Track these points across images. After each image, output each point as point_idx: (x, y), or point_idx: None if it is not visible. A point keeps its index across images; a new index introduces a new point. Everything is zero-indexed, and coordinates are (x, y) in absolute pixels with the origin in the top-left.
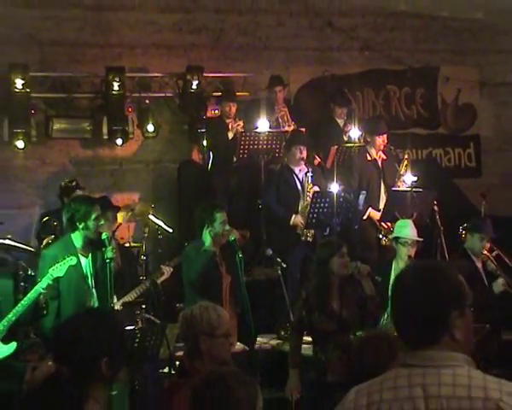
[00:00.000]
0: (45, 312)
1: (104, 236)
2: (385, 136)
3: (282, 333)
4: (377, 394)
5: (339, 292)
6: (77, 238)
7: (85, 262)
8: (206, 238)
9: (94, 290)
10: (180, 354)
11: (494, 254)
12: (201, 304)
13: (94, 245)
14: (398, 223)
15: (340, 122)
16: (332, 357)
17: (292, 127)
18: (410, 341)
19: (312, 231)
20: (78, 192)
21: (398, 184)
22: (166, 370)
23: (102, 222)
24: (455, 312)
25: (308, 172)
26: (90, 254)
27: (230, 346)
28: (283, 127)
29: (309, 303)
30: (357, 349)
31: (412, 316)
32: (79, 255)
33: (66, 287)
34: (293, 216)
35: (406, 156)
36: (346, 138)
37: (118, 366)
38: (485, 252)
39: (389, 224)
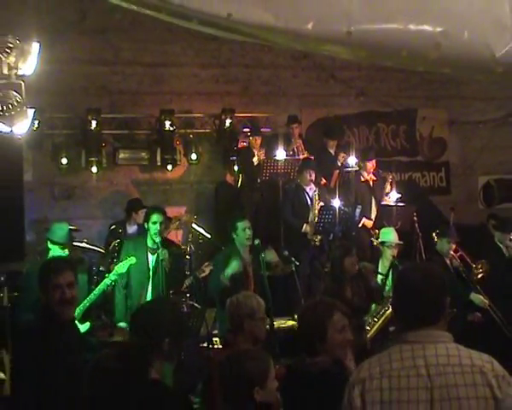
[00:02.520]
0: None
1: (157, 240)
2: (374, 162)
3: (295, 316)
4: (387, 364)
5: (350, 284)
6: (148, 239)
7: (152, 258)
8: (236, 243)
9: (150, 280)
10: (215, 332)
11: (458, 254)
12: (244, 293)
13: (157, 246)
14: (384, 230)
15: (332, 151)
16: None
17: (304, 155)
18: (411, 323)
19: (319, 237)
20: (138, 210)
21: (385, 199)
22: (205, 344)
23: (158, 226)
24: (447, 299)
25: (316, 190)
26: (156, 252)
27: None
28: (298, 156)
29: (327, 293)
30: (301, 312)
31: (416, 303)
32: (148, 252)
33: (132, 279)
34: (305, 225)
35: (391, 178)
36: (339, 164)
37: (177, 347)
38: (452, 252)
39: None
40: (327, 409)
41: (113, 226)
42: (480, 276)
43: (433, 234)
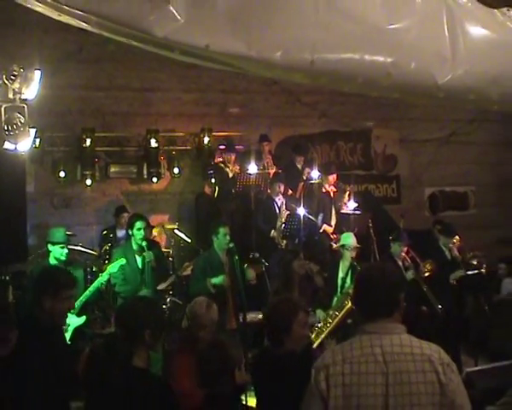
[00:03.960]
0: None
1: (143, 243)
2: (335, 175)
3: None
4: (349, 352)
5: (298, 285)
6: (134, 243)
7: (139, 259)
8: (214, 246)
9: (142, 279)
10: None
11: (410, 255)
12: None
13: (142, 249)
14: (344, 235)
15: (299, 166)
16: None
17: (274, 170)
18: (370, 315)
19: (285, 241)
20: (125, 214)
21: (344, 208)
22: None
23: (143, 233)
24: (402, 294)
25: (283, 200)
26: (141, 255)
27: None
28: (268, 170)
29: (278, 293)
30: (270, 308)
31: (375, 298)
32: (135, 255)
33: (124, 277)
34: (272, 231)
35: (349, 189)
36: (304, 178)
37: (157, 337)
38: (404, 254)
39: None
40: (293, 385)
41: (105, 232)
42: (427, 274)
43: (390, 238)
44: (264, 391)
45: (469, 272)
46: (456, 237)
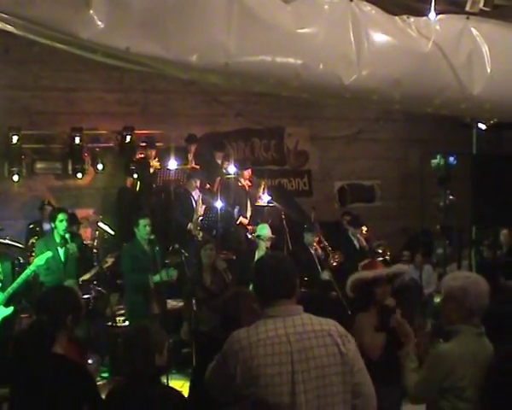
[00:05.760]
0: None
1: (67, 235)
2: (250, 170)
3: (184, 297)
4: (255, 336)
5: (211, 273)
6: (56, 236)
7: (61, 251)
8: (137, 237)
9: (66, 270)
10: (119, 313)
11: (321, 245)
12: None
13: (65, 241)
14: (260, 226)
15: (219, 162)
16: (204, 314)
17: (191, 166)
18: (271, 299)
19: (201, 233)
20: (46, 207)
21: (259, 201)
22: (110, 323)
23: (65, 224)
24: (298, 279)
25: (200, 195)
26: (64, 247)
27: None
28: (187, 166)
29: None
30: (224, 300)
31: (275, 283)
32: (58, 247)
33: (48, 268)
34: (189, 224)
35: (263, 183)
36: (224, 172)
37: (77, 322)
38: (315, 244)
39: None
40: None
41: (32, 225)
42: (335, 264)
43: (303, 229)
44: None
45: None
46: (364, 227)
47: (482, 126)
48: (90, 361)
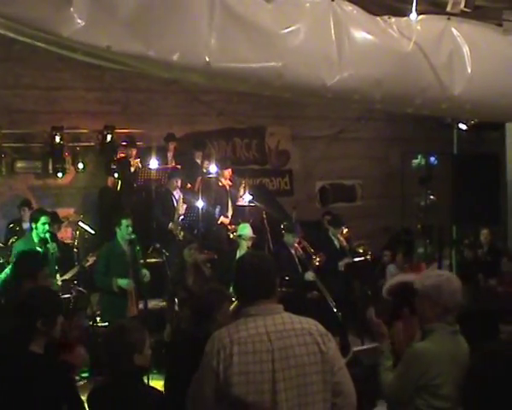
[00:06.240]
0: None
1: (47, 235)
2: (230, 170)
3: (166, 297)
4: (236, 334)
5: (193, 273)
6: (35, 236)
7: (41, 251)
8: (117, 237)
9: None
10: (99, 312)
11: (301, 245)
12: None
13: (45, 242)
14: (241, 225)
15: (199, 161)
16: (186, 315)
17: (172, 165)
18: (252, 299)
19: (182, 233)
20: (26, 207)
21: (240, 201)
22: (90, 323)
23: (47, 227)
24: (278, 278)
25: (180, 194)
26: (43, 247)
27: None
28: (168, 165)
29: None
30: (197, 297)
31: (256, 282)
32: (36, 247)
33: None
34: (170, 223)
35: (244, 183)
36: (205, 172)
37: (51, 325)
38: (296, 244)
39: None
40: None
41: (11, 225)
42: (317, 264)
43: (282, 228)
44: (178, 370)
45: (356, 259)
46: (344, 227)
47: (463, 126)
48: None
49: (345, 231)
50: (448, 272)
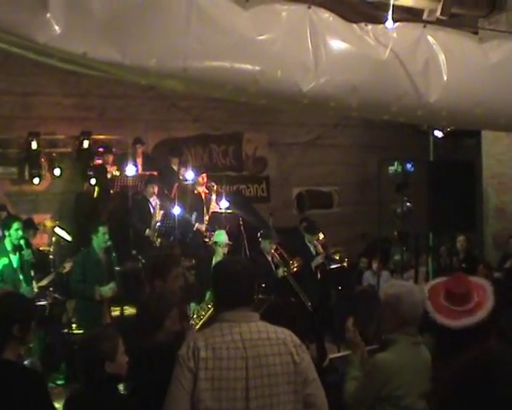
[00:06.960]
0: None
1: (21, 242)
2: (204, 176)
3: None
4: (211, 338)
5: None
6: (7, 243)
7: (14, 259)
8: (93, 244)
9: (21, 277)
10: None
11: (278, 252)
12: None
13: (19, 248)
14: (217, 232)
15: (175, 168)
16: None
17: (150, 172)
18: (229, 305)
19: (159, 239)
20: (2, 213)
21: (216, 207)
22: (66, 330)
23: (21, 233)
24: (256, 285)
25: (157, 201)
26: (17, 254)
27: None
28: (143, 171)
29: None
30: (144, 303)
31: (235, 288)
32: (10, 254)
33: (3, 276)
34: (147, 230)
35: (219, 189)
36: (180, 178)
37: (26, 331)
38: (272, 251)
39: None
40: (160, 376)
41: None
42: (295, 270)
43: (259, 235)
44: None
45: (332, 266)
46: (320, 233)
47: (439, 134)
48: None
49: (321, 237)
50: (412, 284)
